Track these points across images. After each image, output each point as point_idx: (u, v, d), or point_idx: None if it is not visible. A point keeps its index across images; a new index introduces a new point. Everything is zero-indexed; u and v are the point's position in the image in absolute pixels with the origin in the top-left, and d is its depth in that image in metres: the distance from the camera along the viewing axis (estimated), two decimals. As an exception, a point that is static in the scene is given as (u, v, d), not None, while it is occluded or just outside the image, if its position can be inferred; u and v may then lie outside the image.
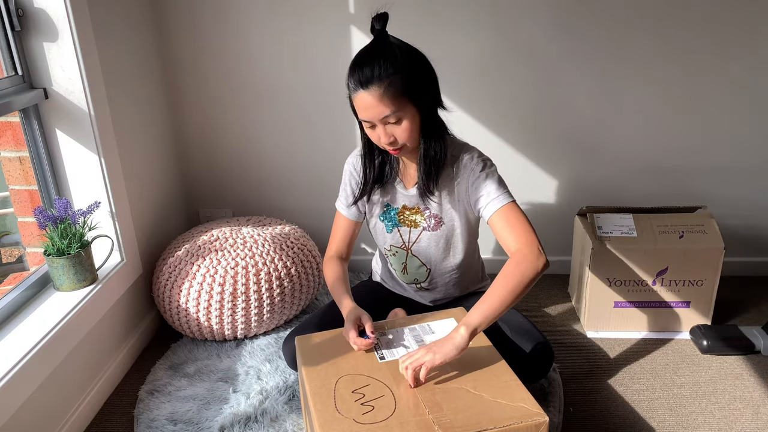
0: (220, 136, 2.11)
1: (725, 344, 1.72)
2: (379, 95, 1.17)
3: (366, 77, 1.17)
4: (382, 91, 1.16)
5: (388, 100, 1.17)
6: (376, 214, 1.46)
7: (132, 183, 1.77)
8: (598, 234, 1.78)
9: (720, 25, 1.85)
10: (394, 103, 1.18)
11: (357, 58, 1.21)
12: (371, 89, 1.17)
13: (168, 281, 1.75)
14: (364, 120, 1.23)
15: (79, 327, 1.47)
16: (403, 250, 1.47)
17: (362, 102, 1.20)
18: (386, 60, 1.17)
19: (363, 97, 1.19)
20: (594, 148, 2.04)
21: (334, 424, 1.04)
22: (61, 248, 1.47)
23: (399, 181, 1.41)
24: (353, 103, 1.23)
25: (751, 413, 1.50)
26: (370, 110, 1.19)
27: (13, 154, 1.56)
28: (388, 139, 1.23)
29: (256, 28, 1.95)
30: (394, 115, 1.19)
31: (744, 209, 2.09)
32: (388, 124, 1.22)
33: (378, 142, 1.27)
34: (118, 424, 1.52)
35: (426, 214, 1.41)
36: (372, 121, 1.21)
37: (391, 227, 1.45)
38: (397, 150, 1.27)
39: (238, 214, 2.23)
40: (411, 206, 1.41)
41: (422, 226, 1.42)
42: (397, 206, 1.43)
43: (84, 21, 1.50)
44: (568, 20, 1.87)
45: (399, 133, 1.23)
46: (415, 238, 1.44)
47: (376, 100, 1.17)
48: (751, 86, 1.92)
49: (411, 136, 1.24)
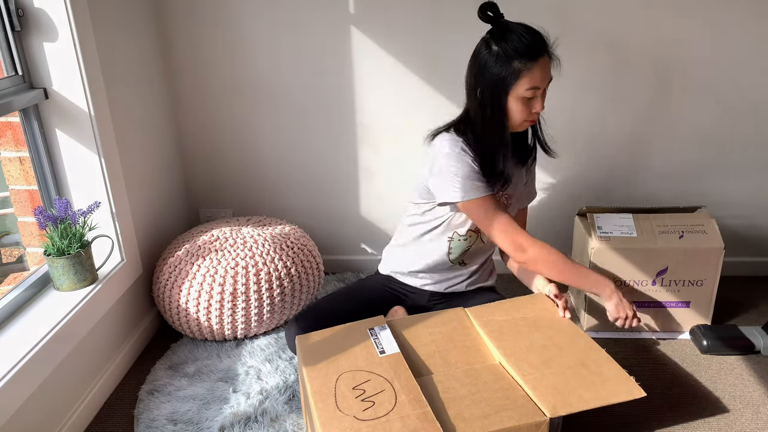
0: (220, 136, 2.11)
1: (725, 344, 1.72)
2: (549, 60, 1.35)
3: (543, 46, 1.33)
4: (550, 57, 1.35)
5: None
6: None
7: (132, 183, 1.77)
8: (598, 234, 1.78)
9: (720, 26, 1.85)
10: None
11: (521, 34, 1.32)
12: (546, 55, 1.33)
13: (168, 281, 1.75)
14: (537, 88, 1.33)
15: (79, 327, 1.47)
16: (476, 233, 1.53)
17: (543, 67, 1.32)
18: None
19: (545, 62, 1.33)
20: (594, 148, 2.04)
21: (335, 423, 1.04)
22: (61, 248, 1.47)
23: None
24: (524, 76, 1.32)
25: (751, 413, 1.50)
26: (547, 74, 1.35)
27: (13, 154, 1.57)
28: (542, 106, 1.37)
29: (256, 28, 1.95)
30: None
31: (744, 209, 2.10)
32: (544, 91, 1.37)
33: (528, 114, 1.37)
34: (118, 424, 1.52)
35: (505, 193, 1.51)
36: (542, 85, 1.34)
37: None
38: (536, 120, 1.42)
39: (238, 214, 2.23)
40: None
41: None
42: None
43: (84, 21, 1.50)
44: (567, 17, 1.87)
45: (544, 99, 1.39)
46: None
47: (549, 63, 1.35)
48: (751, 86, 1.92)
49: None
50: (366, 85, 2.00)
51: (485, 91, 1.36)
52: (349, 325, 1.36)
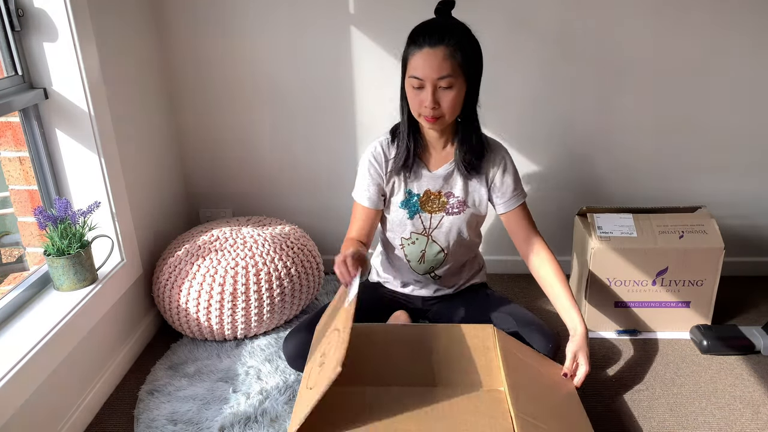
0: (221, 136, 2.11)
1: (725, 344, 1.72)
2: (443, 55, 1.26)
3: (436, 38, 1.26)
4: (447, 53, 1.26)
5: (450, 63, 1.26)
6: (396, 203, 1.48)
7: (132, 183, 1.77)
8: (598, 234, 1.78)
9: (719, 24, 1.85)
10: (453, 68, 1.27)
11: (426, 23, 1.31)
12: (438, 48, 1.25)
13: (168, 281, 1.75)
14: (419, 77, 1.27)
15: (79, 327, 1.47)
16: (423, 236, 1.50)
17: (425, 58, 1.26)
18: (456, 32, 1.28)
19: (427, 54, 1.26)
20: (594, 148, 2.04)
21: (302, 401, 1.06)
22: (61, 248, 1.47)
23: (422, 163, 1.45)
24: (410, 62, 1.29)
25: (751, 413, 1.50)
26: (431, 68, 1.26)
27: (13, 154, 1.56)
28: (432, 103, 1.28)
29: (256, 28, 1.95)
30: (449, 78, 1.27)
31: (744, 209, 2.09)
32: (439, 88, 1.28)
33: (418, 107, 1.31)
34: (118, 424, 1.52)
35: (450, 199, 1.46)
36: (426, 79, 1.27)
37: (413, 214, 1.48)
38: (434, 119, 1.31)
39: (238, 214, 2.23)
40: (435, 190, 1.47)
41: (446, 209, 1.47)
42: (419, 191, 1.47)
43: (84, 21, 1.50)
44: (565, 20, 1.87)
45: (445, 101, 1.29)
46: (436, 223, 1.49)
47: (440, 59, 1.25)
48: (751, 86, 1.92)
49: (454, 107, 1.31)
50: (366, 85, 2.00)
51: (402, 70, 1.37)
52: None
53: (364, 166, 1.49)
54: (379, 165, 1.46)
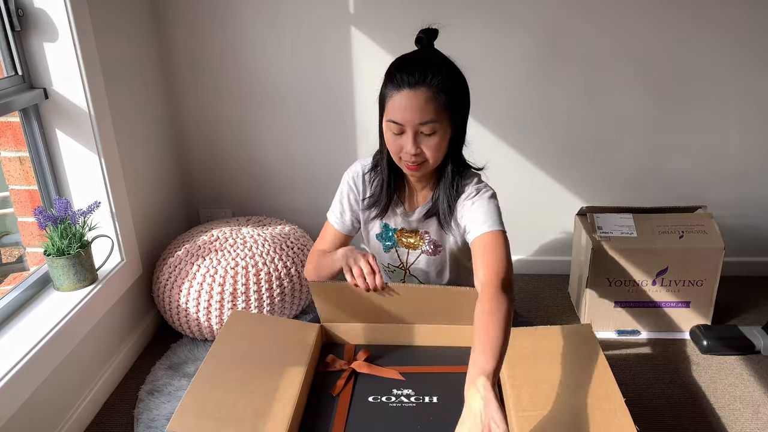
0: (220, 136, 2.11)
1: (725, 344, 1.72)
2: (425, 99, 1.11)
3: (417, 79, 1.11)
4: (429, 96, 1.11)
5: (433, 106, 1.12)
6: (373, 231, 1.38)
7: (132, 183, 1.77)
8: (598, 234, 1.78)
9: (718, 25, 1.85)
10: (436, 112, 1.12)
11: (406, 59, 1.17)
12: (419, 91, 1.11)
13: (168, 281, 1.75)
14: (397, 122, 1.14)
15: (79, 327, 1.47)
16: (401, 269, 1.40)
17: (404, 101, 1.12)
18: (438, 71, 1.13)
19: (407, 96, 1.11)
20: (594, 148, 2.04)
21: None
22: (61, 248, 1.47)
23: (400, 203, 1.33)
24: (387, 103, 1.15)
25: (751, 413, 1.50)
26: (411, 112, 1.12)
27: (13, 154, 1.56)
28: (414, 149, 1.15)
29: (256, 28, 1.95)
30: (432, 124, 1.13)
31: (744, 209, 2.09)
32: (420, 134, 1.14)
33: (398, 152, 1.18)
34: (118, 424, 1.52)
35: (426, 239, 1.34)
36: (407, 124, 1.13)
37: (389, 247, 1.38)
38: (417, 165, 1.18)
39: (238, 214, 2.23)
40: (410, 230, 1.34)
41: (421, 249, 1.35)
42: (395, 227, 1.35)
43: (84, 21, 1.50)
44: (561, 21, 1.87)
45: (428, 146, 1.15)
46: (413, 260, 1.38)
47: (422, 103, 1.11)
48: (752, 86, 1.92)
49: (437, 153, 1.17)
50: (366, 85, 2.00)
51: (379, 108, 1.22)
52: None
53: (344, 189, 1.36)
54: (357, 192, 1.35)
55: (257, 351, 1.18)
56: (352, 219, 1.36)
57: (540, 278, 2.19)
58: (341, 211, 1.36)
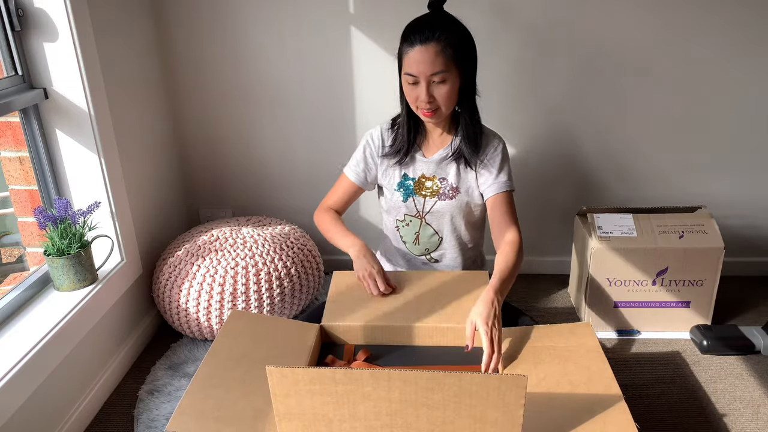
0: (220, 136, 2.11)
1: (725, 344, 1.72)
2: (435, 52, 1.29)
3: (427, 35, 1.29)
4: (439, 49, 1.29)
5: (442, 58, 1.29)
6: (392, 184, 1.52)
7: (132, 183, 1.77)
8: (598, 234, 1.78)
9: (717, 26, 1.85)
10: (445, 63, 1.30)
11: (418, 20, 1.34)
12: (429, 45, 1.29)
13: (168, 281, 1.75)
14: (412, 74, 1.32)
15: (79, 327, 1.47)
16: (417, 218, 1.54)
17: (418, 56, 1.30)
18: (446, 27, 1.31)
19: (420, 51, 1.29)
20: (594, 148, 2.04)
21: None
22: (61, 248, 1.47)
23: (418, 149, 1.50)
24: (404, 59, 1.33)
25: (751, 413, 1.50)
26: (424, 64, 1.30)
27: (13, 154, 1.56)
28: (427, 97, 1.33)
29: (256, 28, 1.95)
30: (443, 74, 1.31)
31: (744, 209, 2.09)
32: (432, 83, 1.32)
33: (415, 101, 1.36)
34: (118, 424, 1.52)
35: (443, 184, 1.49)
36: (420, 75, 1.31)
37: (407, 196, 1.52)
38: (431, 112, 1.36)
39: (238, 214, 2.23)
40: (429, 174, 1.50)
41: (438, 194, 1.50)
42: (414, 176, 1.50)
43: (84, 21, 1.50)
44: (567, 19, 1.87)
45: (440, 94, 1.33)
46: (429, 207, 1.52)
47: (432, 56, 1.29)
48: (752, 86, 1.92)
49: (449, 100, 1.35)
50: (366, 85, 2.00)
51: (398, 66, 1.40)
52: None
53: (361, 146, 1.54)
54: (375, 148, 1.52)
55: (257, 351, 1.18)
56: (366, 172, 1.54)
57: (540, 278, 2.19)
58: (356, 164, 1.54)
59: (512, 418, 0.90)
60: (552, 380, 1.11)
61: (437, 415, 0.91)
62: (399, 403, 0.91)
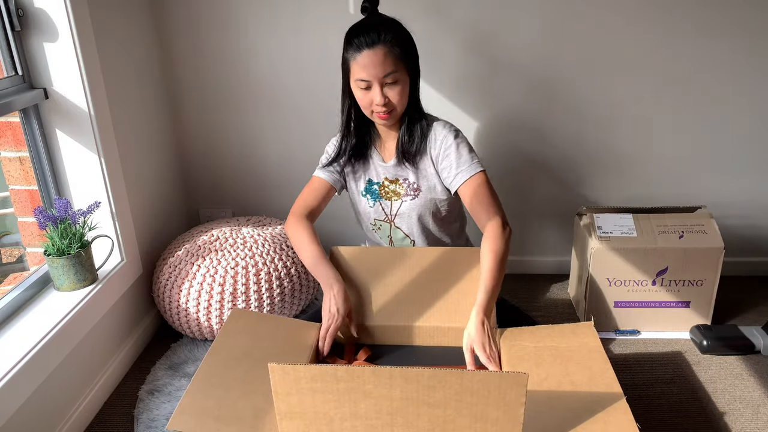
0: (221, 136, 2.11)
1: (725, 344, 1.72)
2: (383, 54, 1.29)
3: (372, 39, 1.29)
4: (386, 51, 1.30)
5: (390, 60, 1.30)
6: (359, 190, 1.53)
7: (132, 183, 1.77)
8: (598, 234, 1.78)
9: (719, 26, 1.85)
10: (395, 64, 1.31)
11: (360, 25, 1.34)
12: (376, 49, 1.29)
13: (168, 281, 1.75)
14: (364, 79, 1.31)
15: (79, 327, 1.47)
16: (386, 222, 1.55)
17: (366, 60, 1.30)
18: (388, 28, 1.31)
19: (368, 56, 1.29)
20: (594, 147, 2.04)
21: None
22: (61, 248, 1.47)
23: (377, 153, 1.50)
24: (352, 65, 1.33)
25: (751, 413, 1.50)
26: (374, 68, 1.30)
27: (13, 154, 1.57)
28: (382, 100, 1.33)
29: (256, 28, 1.95)
30: (394, 75, 1.31)
31: (744, 209, 2.09)
32: (385, 85, 1.32)
33: (369, 106, 1.36)
34: (118, 424, 1.52)
35: (405, 185, 1.49)
36: (372, 80, 1.31)
37: (374, 201, 1.53)
38: (387, 114, 1.36)
39: (238, 214, 2.23)
40: (391, 178, 1.50)
41: (402, 196, 1.49)
42: (378, 180, 1.51)
43: (84, 21, 1.50)
44: (562, 17, 1.87)
45: (393, 95, 1.34)
46: (396, 210, 1.52)
47: (381, 58, 1.29)
48: (752, 86, 1.92)
49: (402, 99, 1.36)
50: (366, 85, 2.00)
51: (343, 73, 1.40)
52: None
53: (329, 148, 1.56)
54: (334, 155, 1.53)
55: (257, 349, 1.18)
56: (337, 170, 1.52)
57: (540, 278, 2.19)
58: (326, 164, 1.53)
59: (513, 417, 0.90)
60: (554, 380, 1.11)
61: (438, 414, 0.91)
62: (400, 401, 0.91)
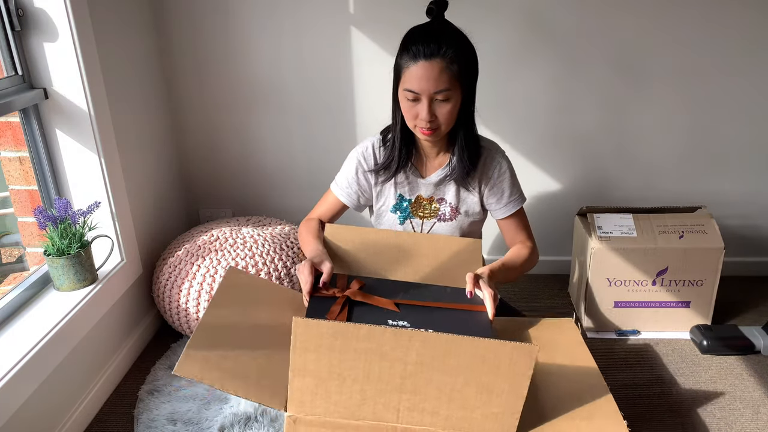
0: (220, 136, 2.11)
1: (725, 344, 1.72)
2: (440, 69, 1.20)
3: (432, 50, 1.20)
4: (443, 66, 1.20)
5: (446, 76, 1.20)
6: (387, 206, 1.43)
7: (132, 183, 1.77)
8: (598, 234, 1.78)
9: (718, 26, 1.85)
10: (450, 82, 1.21)
11: (420, 30, 1.24)
12: (434, 61, 1.19)
13: (168, 281, 1.75)
14: (414, 91, 1.22)
15: (79, 327, 1.47)
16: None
17: (421, 71, 1.20)
18: (452, 42, 1.21)
19: (424, 67, 1.20)
20: (594, 148, 2.04)
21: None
22: (61, 248, 1.47)
23: (415, 169, 1.40)
24: (404, 73, 1.23)
25: (751, 413, 1.50)
26: (427, 81, 1.20)
27: (13, 154, 1.56)
28: (428, 116, 1.24)
29: (256, 28, 1.95)
30: (446, 93, 1.22)
31: (744, 209, 2.10)
32: (435, 101, 1.23)
33: (414, 119, 1.27)
34: (118, 424, 1.52)
35: (442, 205, 1.42)
36: (422, 93, 1.22)
37: (404, 219, 1.44)
38: (431, 131, 1.27)
39: (238, 214, 2.23)
40: (427, 196, 1.42)
41: (437, 216, 1.43)
42: (411, 197, 1.42)
43: (84, 21, 1.50)
44: (569, 21, 1.87)
45: (442, 113, 1.25)
46: (428, 229, 1.44)
47: (437, 73, 1.20)
48: (752, 86, 1.93)
49: (450, 119, 1.26)
50: (366, 85, 2.00)
51: (394, 77, 1.32)
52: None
53: (352, 164, 1.43)
54: (368, 167, 1.41)
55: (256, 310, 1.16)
56: (359, 194, 1.43)
57: (540, 278, 2.19)
58: (347, 184, 1.43)
59: (517, 390, 0.92)
60: (539, 368, 1.12)
61: (447, 382, 0.92)
62: (414, 366, 0.92)
